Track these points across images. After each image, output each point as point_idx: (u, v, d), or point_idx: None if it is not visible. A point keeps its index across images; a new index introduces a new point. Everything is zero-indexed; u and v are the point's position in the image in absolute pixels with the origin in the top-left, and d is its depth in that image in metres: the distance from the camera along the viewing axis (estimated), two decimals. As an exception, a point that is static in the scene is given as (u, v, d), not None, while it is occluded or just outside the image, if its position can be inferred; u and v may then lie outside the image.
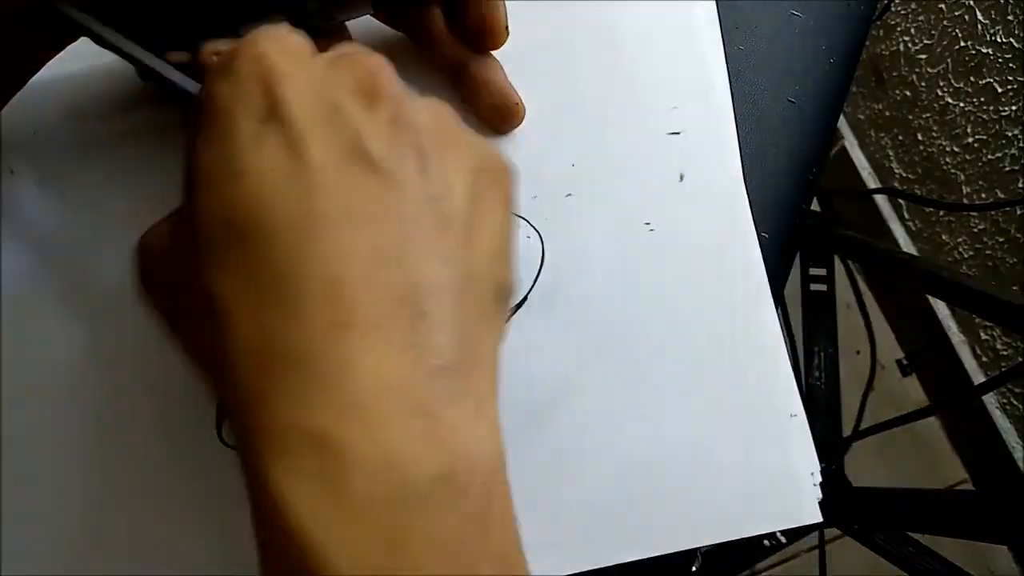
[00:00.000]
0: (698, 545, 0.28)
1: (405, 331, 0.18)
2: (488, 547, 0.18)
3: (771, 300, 0.30)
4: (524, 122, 0.31)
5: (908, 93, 1.05)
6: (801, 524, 0.28)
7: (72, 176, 0.30)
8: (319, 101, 0.19)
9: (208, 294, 0.18)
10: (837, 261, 0.90)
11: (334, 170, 0.19)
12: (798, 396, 0.29)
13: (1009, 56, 0.88)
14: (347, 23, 0.29)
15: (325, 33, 0.28)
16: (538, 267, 0.29)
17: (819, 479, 0.28)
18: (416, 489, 0.17)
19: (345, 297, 0.18)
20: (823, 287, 0.85)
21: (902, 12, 1.00)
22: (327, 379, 0.17)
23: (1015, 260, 0.98)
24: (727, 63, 0.34)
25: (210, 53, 0.25)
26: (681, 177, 0.31)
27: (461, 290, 0.19)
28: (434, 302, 0.18)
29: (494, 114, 0.30)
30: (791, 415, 0.29)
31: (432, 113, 0.21)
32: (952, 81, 0.97)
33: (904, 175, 1.12)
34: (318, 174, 0.18)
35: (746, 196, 0.31)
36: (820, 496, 0.28)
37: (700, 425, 0.29)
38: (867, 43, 0.43)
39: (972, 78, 0.94)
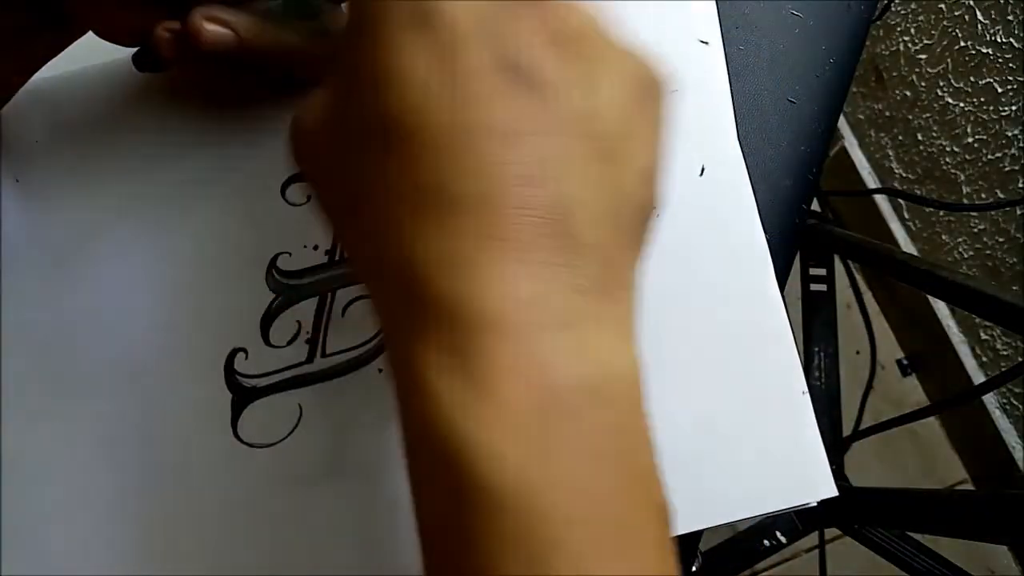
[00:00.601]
0: (721, 522, 0.28)
1: (550, 250, 0.18)
2: (631, 461, 0.18)
3: (774, 279, 0.30)
4: None
5: (908, 93, 1.05)
6: (819, 498, 0.28)
7: (77, 179, 0.30)
8: (471, 8, 0.18)
9: (359, 193, 0.19)
10: (837, 261, 0.90)
11: (488, 81, 0.18)
12: (803, 373, 0.30)
13: (1009, 56, 0.88)
14: None
15: None
16: None
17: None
18: (563, 398, 0.17)
19: (495, 212, 0.18)
20: (823, 287, 0.85)
21: (902, 12, 1.00)
22: (476, 287, 0.17)
23: (1015, 260, 0.98)
24: (727, 63, 0.34)
25: (164, 29, 0.25)
26: (702, 171, 0.31)
27: (606, 213, 0.19)
28: (580, 224, 0.18)
29: None
30: (801, 392, 0.29)
31: (584, 19, 0.20)
32: (952, 81, 0.97)
33: (904, 175, 1.12)
34: (472, 84, 0.18)
35: (747, 176, 0.32)
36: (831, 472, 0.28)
37: (712, 405, 0.28)
38: (867, 43, 0.43)
39: (972, 78, 0.94)
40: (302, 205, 0.30)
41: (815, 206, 1.19)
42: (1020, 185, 0.93)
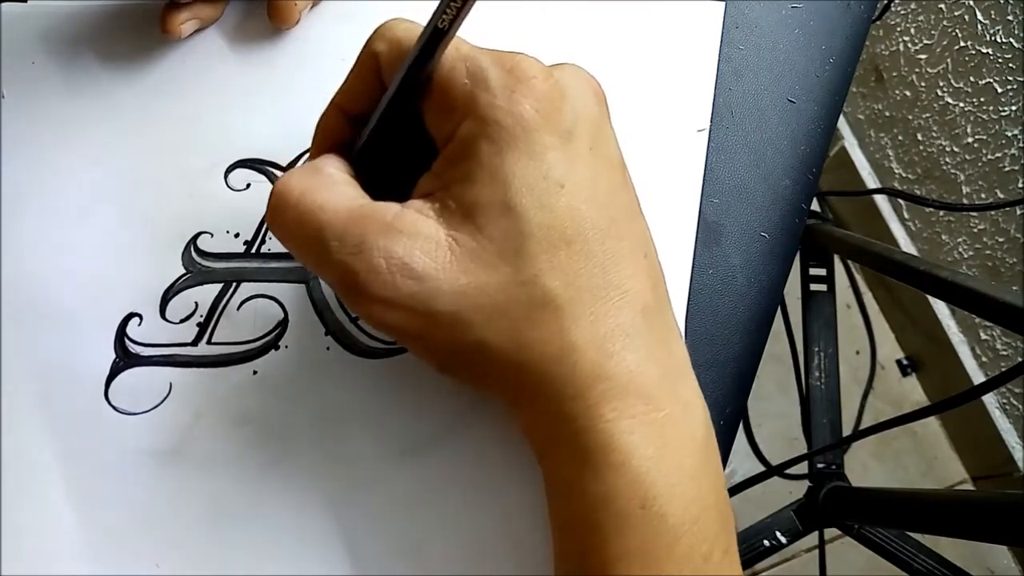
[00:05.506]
0: None
1: (666, 307, 0.24)
2: (721, 483, 0.23)
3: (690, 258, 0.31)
4: None
5: (908, 93, 1.05)
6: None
7: (66, 105, 0.31)
8: (594, 113, 0.23)
9: (542, 297, 0.21)
10: (837, 261, 0.90)
11: (620, 174, 0.23)
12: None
13: (1009, 56, 0.88)
14: None
15: None
16: None
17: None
18: (703, 437, 0.23)
19: (642, 283, 0.22)
20: (823, 287, 0.85)
21: (902, 12, 1.00)
22: (654, 348, 0.22)
23: (1015, 260, 0.98)
24: (727, 63, 0.34)
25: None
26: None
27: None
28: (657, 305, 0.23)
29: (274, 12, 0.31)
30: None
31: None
32: (952, 81, 0.97)
33: (904, 175, 1.12)
34: (617, 178, 0.23)
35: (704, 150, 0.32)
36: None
37: None
38: (867, 43, 0.43)
39: (972, 78, 0.94)
40: (241, 191, 0.30)
41: (815, 206, 1.19)
42: (1020, 185, 0.93)
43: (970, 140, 0.97)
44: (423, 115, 0.23)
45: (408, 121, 0.23)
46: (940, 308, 1.13)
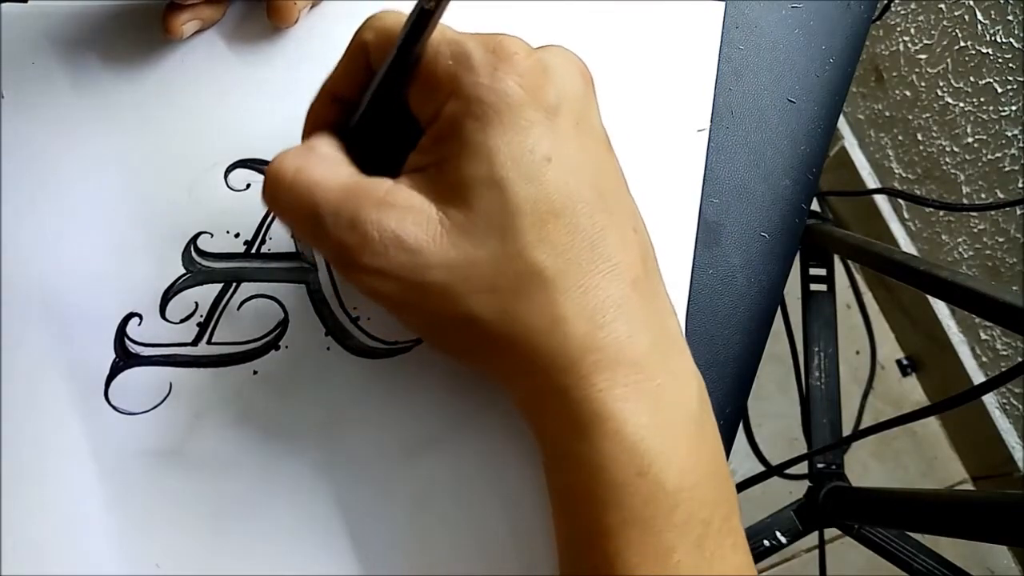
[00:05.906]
0: None
1: (657, 281, 0.24)
2: (721, 456, 0.24)
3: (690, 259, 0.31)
4: None
5: (908, 93, 1.05)
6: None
7: (66, 105, 0.31)
8: (579, 91, 0.23)
9: (530, 270, 0.21)
10: (837, 261, 0.90)
11: (607, 151, 0.24)
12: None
13: (1009, 56, 0.88)
14: None
15: None
16: None
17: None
18: (697, 408, 0.23)
19: (631, 255, 0.22)
20: (823, 287, 0.85)
21: (902, 12, 1.00)
22: (645, 320, 0.22)
23: (1015, 260, 0.98)
24: (727, 63, 0.34)
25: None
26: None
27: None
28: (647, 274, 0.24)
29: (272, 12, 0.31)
30: None
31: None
32: (952, 81, 0.97)
33: (904, 175, 1.12)
34: (604, 154, 0.23)
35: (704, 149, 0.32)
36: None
37: None
38: (867, 43, 0.43)
39: (972, 78, 0.94)
40: (241, 192, 0.30)
41: (815, 206, 1.19)
42: (1020, 185, 0.93)
43: (970, 140, 0.97)
44: (408, 100, 0.23)
45: (397, 102, 0.24)
46: (940, 308, 1.13)
